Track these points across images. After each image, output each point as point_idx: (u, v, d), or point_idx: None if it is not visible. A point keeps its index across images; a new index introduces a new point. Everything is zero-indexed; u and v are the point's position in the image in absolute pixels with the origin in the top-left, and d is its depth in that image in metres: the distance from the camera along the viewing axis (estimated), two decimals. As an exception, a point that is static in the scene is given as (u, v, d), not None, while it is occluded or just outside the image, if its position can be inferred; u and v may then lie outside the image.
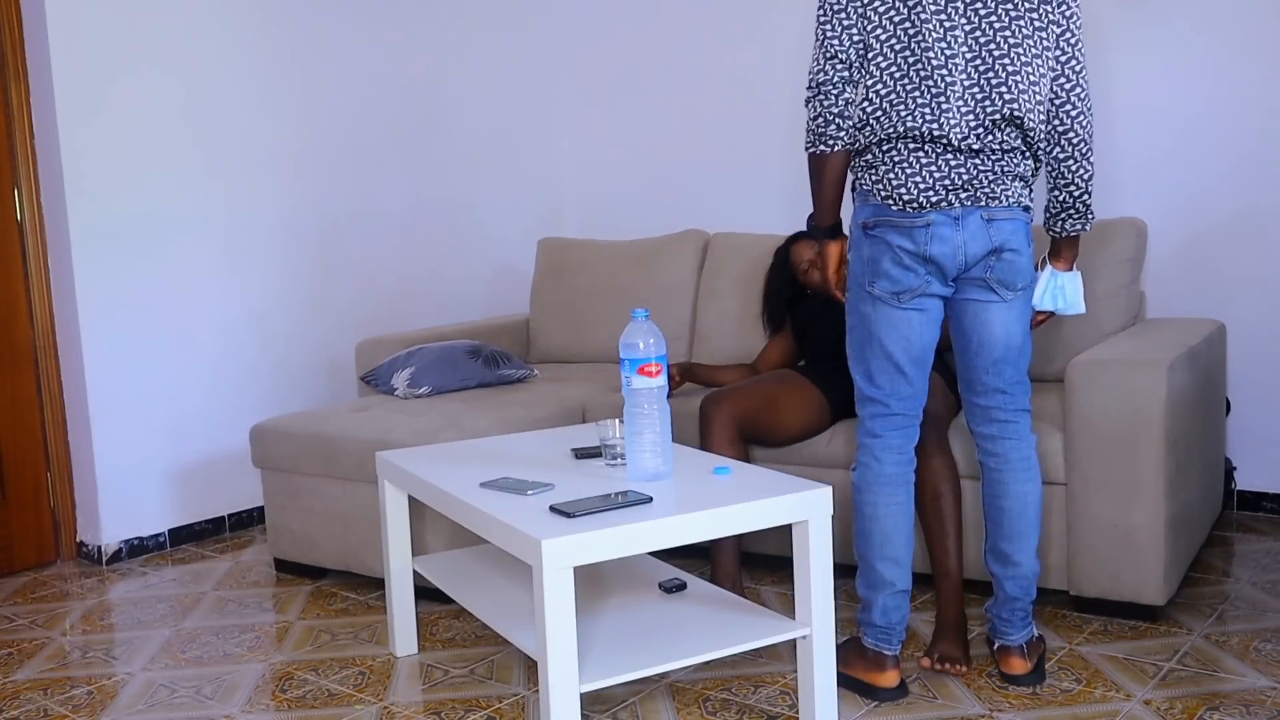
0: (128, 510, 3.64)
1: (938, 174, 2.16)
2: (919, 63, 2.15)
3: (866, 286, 2.24)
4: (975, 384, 2.34)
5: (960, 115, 2.15)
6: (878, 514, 2.29)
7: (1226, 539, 3.25)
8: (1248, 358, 3.42)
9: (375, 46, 4.27)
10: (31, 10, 3.46)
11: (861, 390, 2.31)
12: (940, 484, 2.53)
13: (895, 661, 2.33)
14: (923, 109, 2.15)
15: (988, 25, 2.15)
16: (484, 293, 4.62)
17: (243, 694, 2.54)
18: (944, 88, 2.14)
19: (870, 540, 2.31)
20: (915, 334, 2.24)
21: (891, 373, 2.26)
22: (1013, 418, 2.34)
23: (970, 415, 2.39)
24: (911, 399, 2.28)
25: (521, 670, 2.58)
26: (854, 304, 2.30)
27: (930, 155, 2.17)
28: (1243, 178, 3.40)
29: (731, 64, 4.35)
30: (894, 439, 2.29)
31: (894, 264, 2.20)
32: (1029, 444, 2.36)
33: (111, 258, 3.58)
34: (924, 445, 2.57)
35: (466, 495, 2.23)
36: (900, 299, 2.21)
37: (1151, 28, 3.47)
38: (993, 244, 2.20)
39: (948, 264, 2.19)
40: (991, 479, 2.38)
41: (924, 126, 2.15)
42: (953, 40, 2.15)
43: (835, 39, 2.18)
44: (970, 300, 2.26)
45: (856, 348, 2.31)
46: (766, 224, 4.06)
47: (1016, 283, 2.25)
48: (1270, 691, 2.28)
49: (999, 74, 2.15)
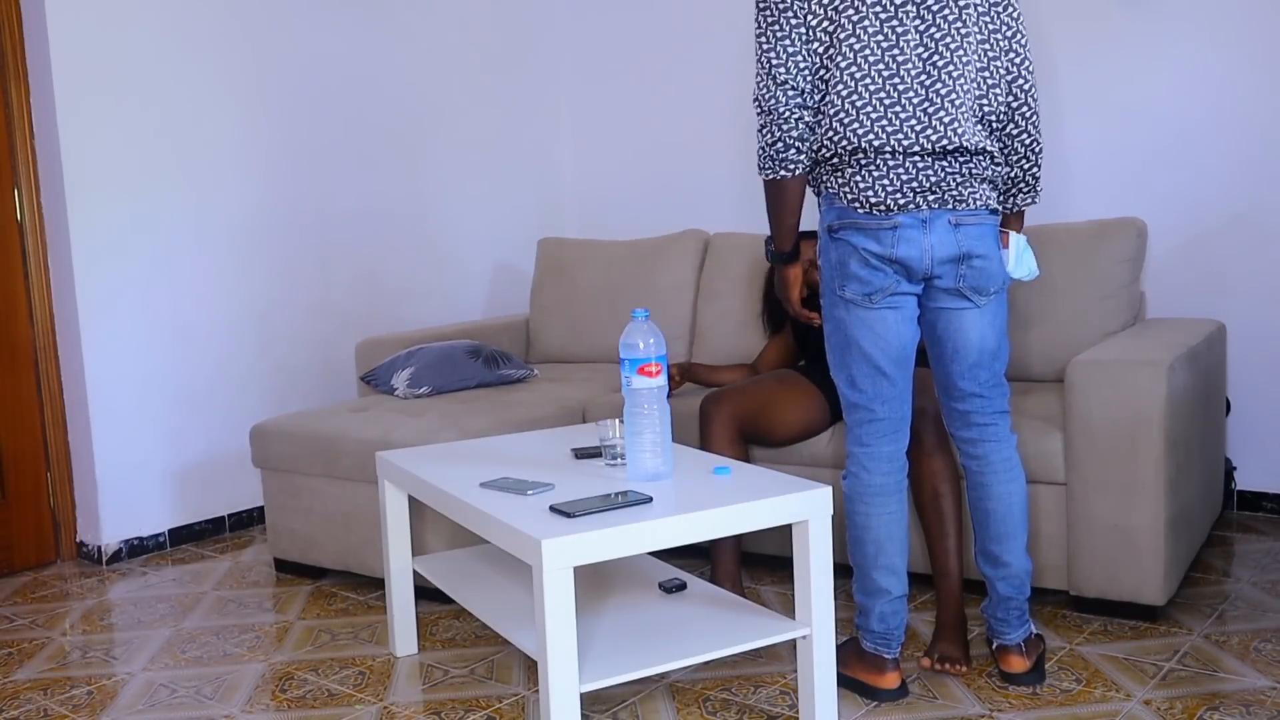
0: (128, 510, 3.64)
1: (905, 176, 2.15)
2: (894, 76, 2.14)
3: (838, 291, 2.23)
4: (952, 390, 2.33)
5: (942, 125, 2.14)
6: (870, 524, 2.28)
7: (1226, 539, 3.25)
8: (1248, 358, 3.42)
9: (375, 46, 4.27)
10: (31, 10, 3.46)
11: (846, 397, 2.30)
12: (939, 483, 2.53)
13: (895, 664, 2.33)
14: (907, 122, 2.13)
15: (932, 39, 2.15)
16: (484, 293, 4.62)
17: (243, 694, 2.54)
18: (940, 101, 2.14)
19: (864, 549, 2.29)
20: (892, 333, 2.22)
21: (873, 375, 2.24)
22: (991, 420, 2.33)
23: (949, 420, 2.39)
24: (896, 401, 2.26)
25: (521, 670, 2.58)
26: (829, 310, 2.28)
27: (897, 158, 2.15)
28: (1243, 178, 3.40)
29: (731, 64, 4.35)
30: (883, 447, 2.27)
31: (861, 265, 2.18)
32: (1009, 445, 2.36)
33: (112, 257, 3.58)
34: (922, 444, 2.56)
35: (466, 495, 2.23)
36: (872, 299, 2.20)
37: (1151, 29, 3.47)
38: (960, 250, 2.19)
39: (915, 266, 2.18)
40: (975, 482, 2.37)
41: (896, 138, 2.14)
42: (946, 54, 2.15)
43: (781, 66, 2.15)
44: (943, 308, 2.26)
45: (837, 354, 2.29)
46: (766, 224, 4.05)
47: (989, 288, 2.24)
48: (1270, 691, 2.28)
49: (952, 91, 2.15)
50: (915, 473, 2.59)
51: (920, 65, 2.14)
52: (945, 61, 2.15)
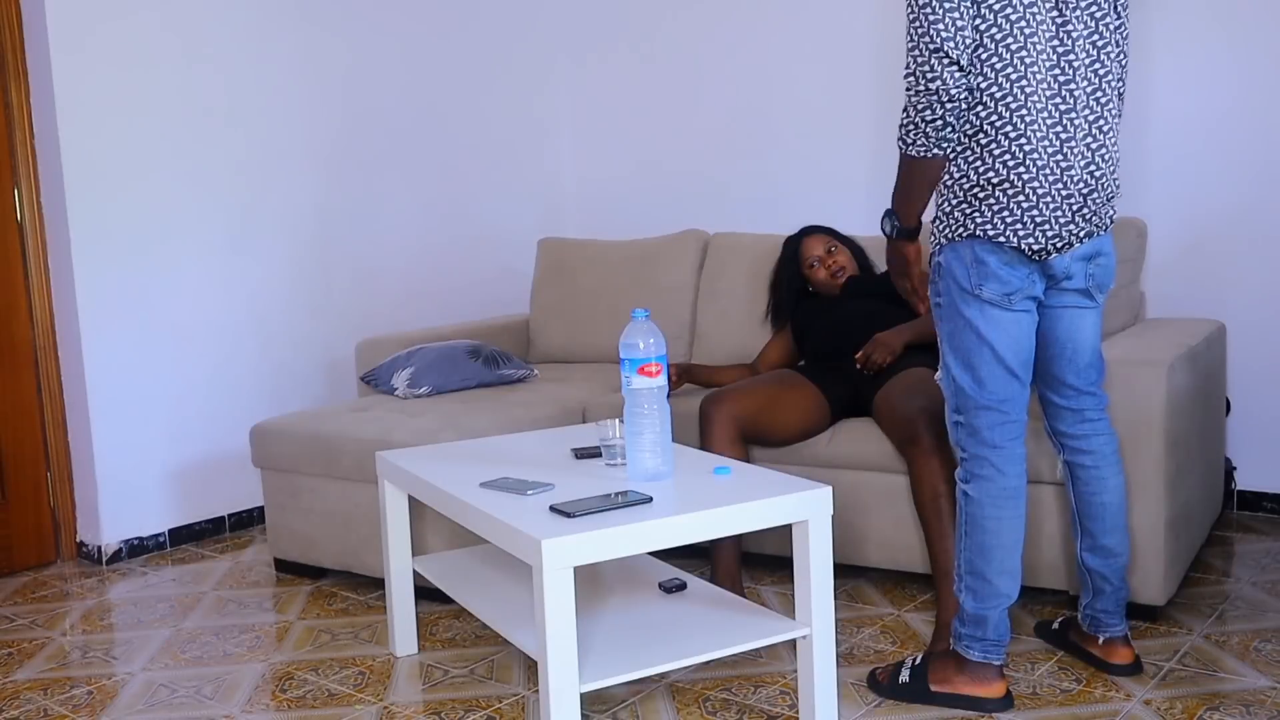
0: (128, 510, 3.64)
1: (1063, 219, 2.12)
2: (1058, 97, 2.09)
3: (973, 290, 2.15)
4: (1064, 389, 2.31)
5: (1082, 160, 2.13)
6: (1001, 529, 2.21)
7: (1226, 539, 3.25)
8: (1248, 358, 3.42)
9: (375, 46, 4.27)
10: (31, 10, 3.46)
11: (973, 399, 2.20)
12: (939, 483, 2.53)
13: (1001, 672, 2.28)
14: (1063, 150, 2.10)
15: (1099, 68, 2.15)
16: (484, 293, 4.61)
17: (243, 694, 2.54)
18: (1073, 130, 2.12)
19: (990, 556, 2.21)
20: (1025, 336, 2.19)
21: (1005, 376, 2.18)
22: (1101, 415, 2.33)
23: (1058, 419, 2.35)
24: (1025, 403, 2.22)
25: (521, 670, 2.58)
26: (952, 308, 2.19)
27: (1058, 199, 2.11)
28: (1243, 178, 3.40)
29: (732, 64, 4.35)
30: (1017, 448, 2.22)
31: (1002, 265, 2.13)
32: (1116, 438, 2.37)
33: (112, 257, 3.58)
34: (921, 444, 2.56)
35: (466, 495, 2.23)
36: (1011, 300, 2.15)
37: (1151, 29, 3.47)
38: (1093, 247, 2.19)
39: (1057, 271, 2.16)
40: (1089, 476, 2.34)
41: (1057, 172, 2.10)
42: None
43: (951, 40, 2.01)
44: (1068, 308, 2.24)
45: (960, 354, 2.20)
46: (766, 224, 4.06)
47: (1109, 284, 2.26)
48: (1270, 691, 2.28)
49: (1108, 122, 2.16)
50: (915, 473, 2.58)
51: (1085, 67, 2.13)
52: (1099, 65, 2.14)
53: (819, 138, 4.16)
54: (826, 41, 4.11)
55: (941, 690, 2.27)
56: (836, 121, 4.11)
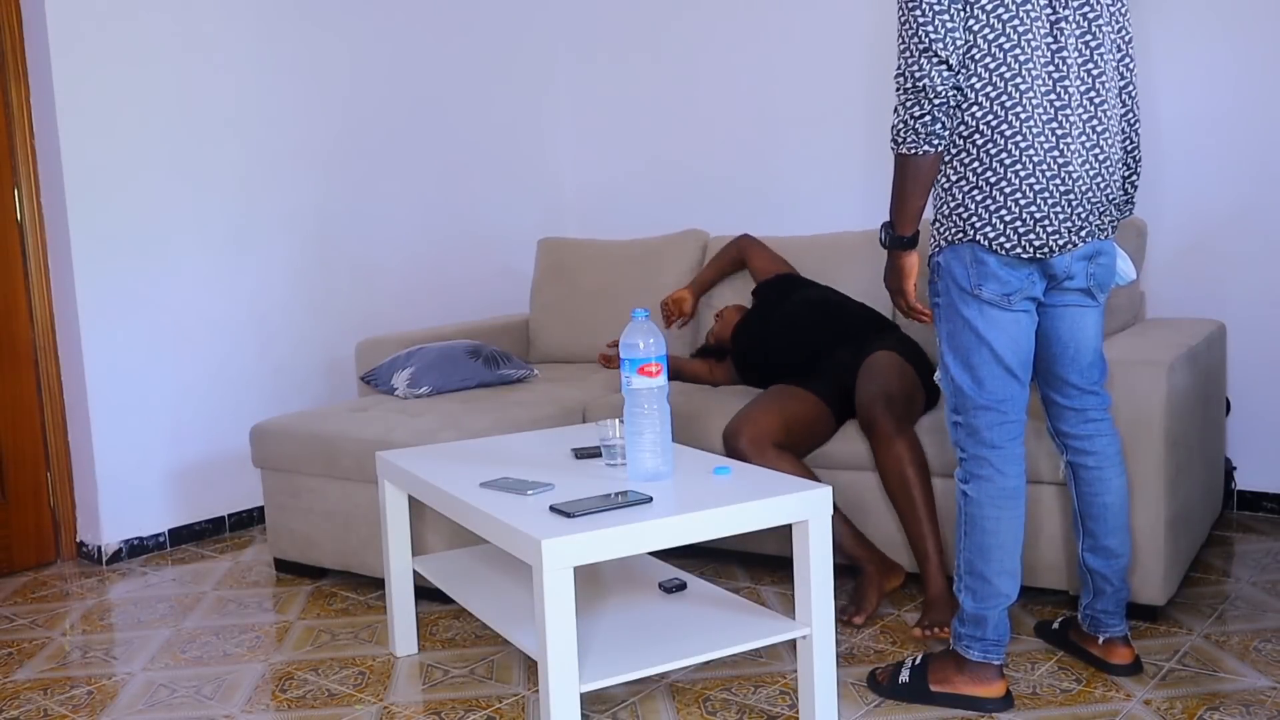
0: (128, 510, 3.64)
1: (1061, 216, 2.10)
2: (1051, 93, 2.08)
3: (972, 290, 2.14)
4: (1067, 388, 2.30)
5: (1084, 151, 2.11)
6: (1000, 529, 2.20)
7: (1226, 539, 3.25)
8: (1248, 358, 3.42)
9: (375, 46, 4.27)
10: (31, 10, 3.46)
11: (972, 399, 2.20)
12: (905, 467, 2.54)
13: (1001, 671, 2.27)
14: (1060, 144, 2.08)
15: (1092, 51, 2.13)
16: (484, 293, 4.61)
17: (243, 694, 2.54)
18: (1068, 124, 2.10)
19: (989, 556, 2.21)
20: (1024, 336, 2.19)
21: (1004, 377, 2.18)
22: (1104, 415, 2.33)
23: (1061, 419, 2.34)
24: (1024, 403, 2.22)
25: (521, 670, 2.58)
26: (951, 308, 2.19)
27: (1056, 195, 2.10)
28: (1243, 178, 3.40)
29: (732, 64, 4.35)
30: (1017, 448, 2.21)
31: (1002, 265, 2.12)
32: (1120, 439, 2.36)
33: (112, 257, 3.58)
34: (880, 429, 2.56)
35: (466, 495, 2.23)
36: (1010, 300, 2.14)
37: (1151, 29, 3.47)
38: (1093, 246, 2.18)
39: (1058, 271, 2.16)
40: (1092, 477, 2.34)
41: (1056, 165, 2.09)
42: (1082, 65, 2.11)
43: (940, 40, 2.03)
44: (1069, 307, 2.23)
45: (959, 354, 2.20)
46: (766, 224, 4.06)
47: (1109, 283, 2.25)
48: (1270, 691, 2.28)
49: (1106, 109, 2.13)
50: (881, 460, 2.59)
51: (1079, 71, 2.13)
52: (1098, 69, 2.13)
53: (819, 138, 4.16)
54: (827, 42, 4.11)
55: (941, 690, 2.27)
56: (837, 122, 4.11)
